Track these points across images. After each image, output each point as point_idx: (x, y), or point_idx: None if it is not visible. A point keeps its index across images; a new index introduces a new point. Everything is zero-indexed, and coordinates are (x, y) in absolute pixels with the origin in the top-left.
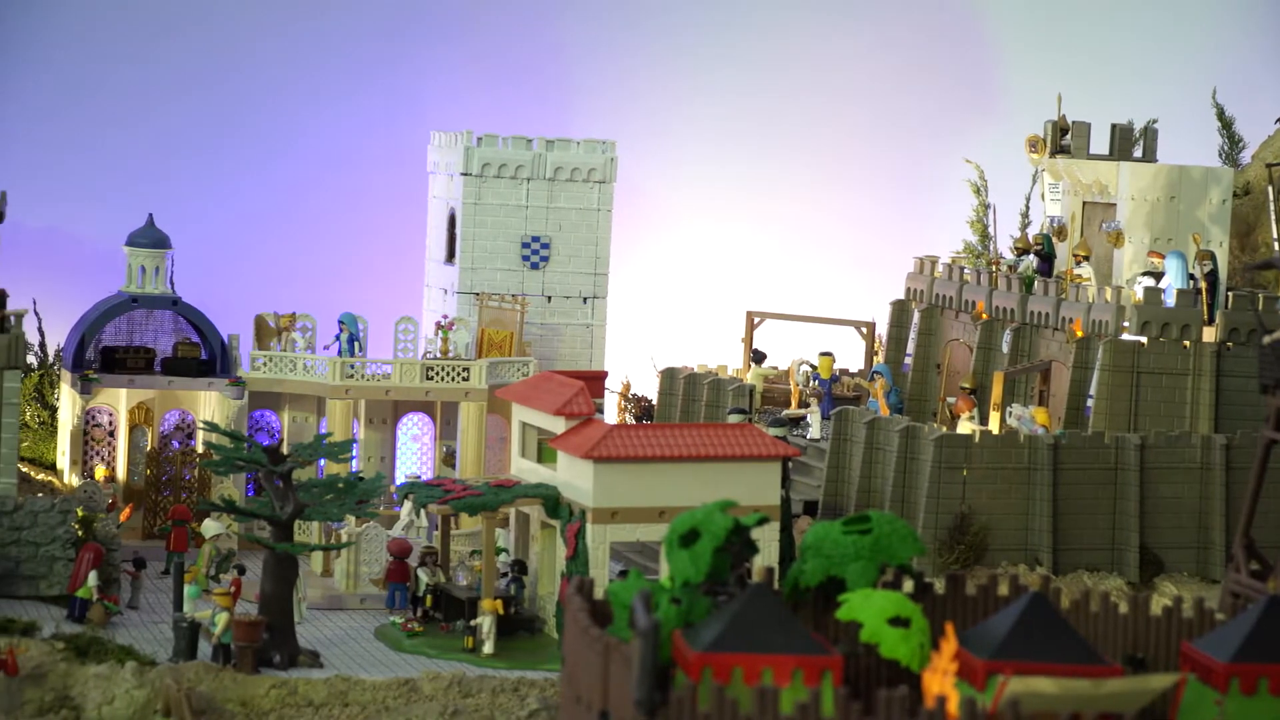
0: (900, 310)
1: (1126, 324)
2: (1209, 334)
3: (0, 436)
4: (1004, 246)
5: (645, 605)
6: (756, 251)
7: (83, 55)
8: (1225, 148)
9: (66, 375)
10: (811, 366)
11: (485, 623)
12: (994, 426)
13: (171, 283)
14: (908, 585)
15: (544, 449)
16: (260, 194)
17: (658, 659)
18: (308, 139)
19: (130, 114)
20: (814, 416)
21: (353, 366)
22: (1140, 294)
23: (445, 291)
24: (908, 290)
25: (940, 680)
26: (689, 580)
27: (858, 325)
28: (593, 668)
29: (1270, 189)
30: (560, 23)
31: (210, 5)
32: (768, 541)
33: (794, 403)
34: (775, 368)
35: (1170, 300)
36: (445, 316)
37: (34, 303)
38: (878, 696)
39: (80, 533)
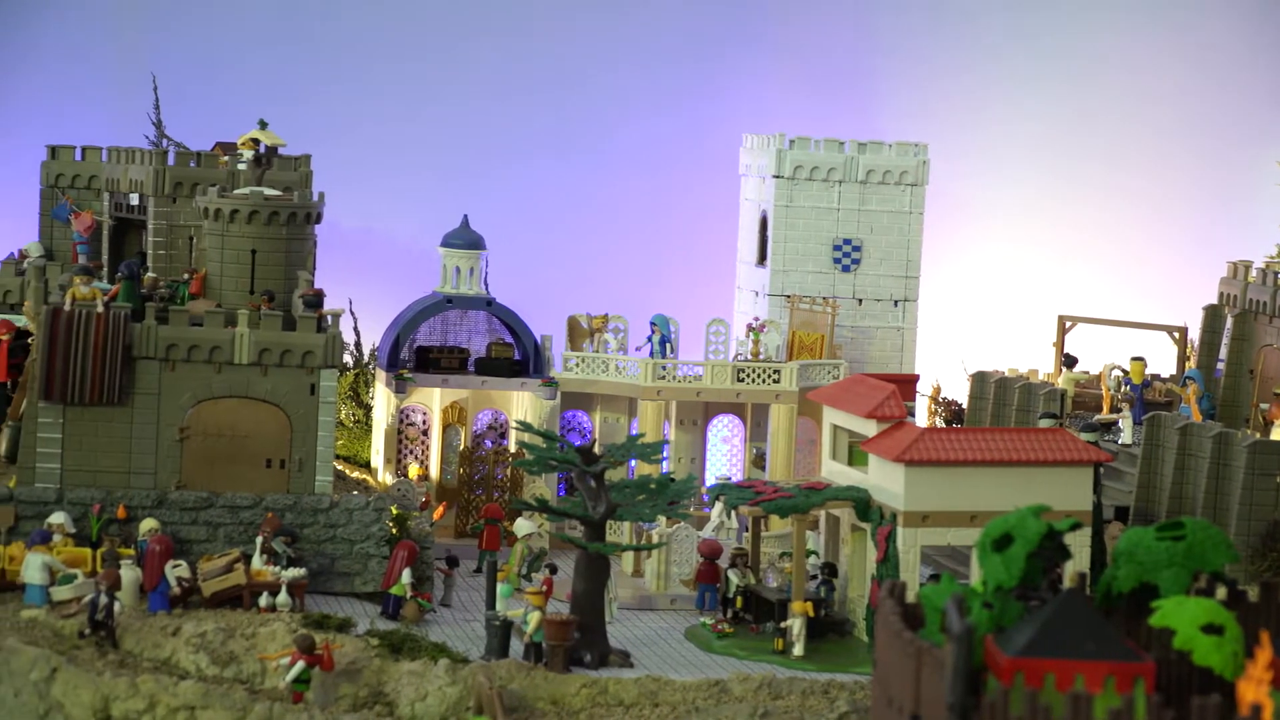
0: (1213, 315)
1: None
2: None
3: (317, 435)
4: None
5: (959, 609)
6: (1068, 255)
7: (398, 57)
8: None
9: (381, 374)
10: (1123, 371)
11: (795, 625)
12: None
13: (486, 283)
14: (1221, 593)
15: (854, 452)
16: (574, 196)
17: (971, 664)
18: (621, 141)
19: (445, 115)
20: (1126, 422)
21: (664, 368)
22: None
23: (756, 294)
24: (1221, 295)
25: (1255, 689)
26: (1002, 585)
27: (1170, 330)
28: (905, 671)
29: None
30: (873, 25)
31: (524, 9)
32: (1079, 547)
33: (1105, 408)
34: (1087, 372)
35: None
36: (756, 319)
37: (350, 302)
38: (1191, 704)
39: (394, 530)
